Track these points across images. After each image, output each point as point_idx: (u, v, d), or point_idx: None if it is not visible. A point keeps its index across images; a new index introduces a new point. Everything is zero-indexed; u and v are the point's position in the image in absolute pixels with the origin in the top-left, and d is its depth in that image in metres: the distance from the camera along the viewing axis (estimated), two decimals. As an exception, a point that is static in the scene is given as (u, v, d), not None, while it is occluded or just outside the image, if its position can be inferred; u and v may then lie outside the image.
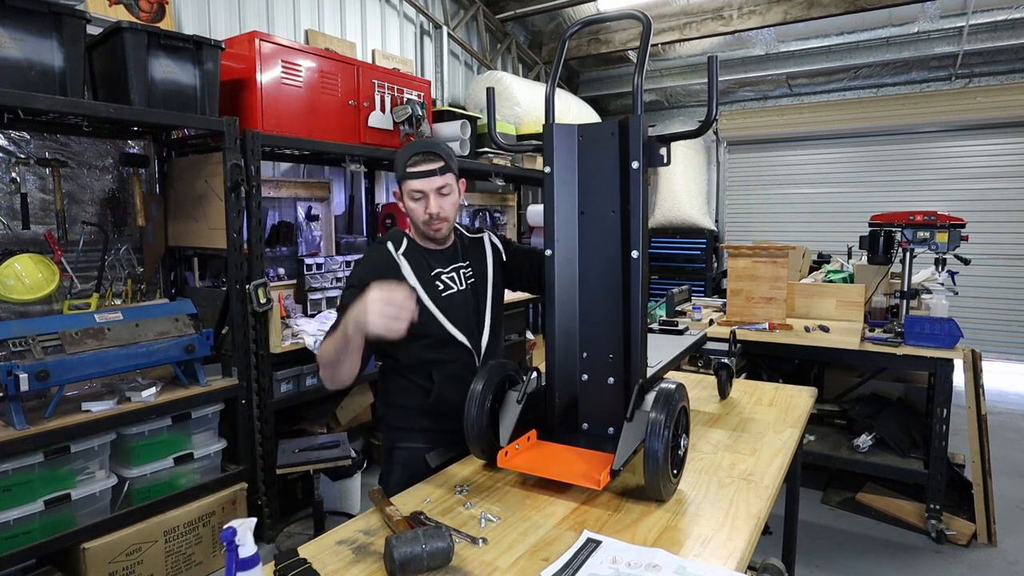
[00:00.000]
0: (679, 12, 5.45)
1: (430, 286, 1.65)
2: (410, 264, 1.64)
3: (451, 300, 1.68)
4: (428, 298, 1.63)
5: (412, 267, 1.64)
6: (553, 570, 1.07)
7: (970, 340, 3.97)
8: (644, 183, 1.35)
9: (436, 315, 1.63)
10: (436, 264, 1.69)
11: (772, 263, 3.33)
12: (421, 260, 1.67)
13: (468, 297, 1.72)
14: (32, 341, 2.15)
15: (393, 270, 1.63)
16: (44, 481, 2.15)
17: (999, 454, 3.74)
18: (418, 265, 1.66)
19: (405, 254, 1.66)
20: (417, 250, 1.69)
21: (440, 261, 1.70)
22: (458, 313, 1.67)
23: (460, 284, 1.71)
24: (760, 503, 1.30)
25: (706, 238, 6.63)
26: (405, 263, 1.64)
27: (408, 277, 1.63)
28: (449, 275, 1.70)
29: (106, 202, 2.88)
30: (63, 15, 2.23)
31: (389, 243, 1.69)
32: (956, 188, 5.94)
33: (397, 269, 1.63)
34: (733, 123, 6.74)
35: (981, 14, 4.87)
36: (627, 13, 1.46)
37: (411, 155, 1.61)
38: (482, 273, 1.76)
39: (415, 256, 1.67)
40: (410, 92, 3.74)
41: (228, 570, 0.91)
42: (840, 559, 2.82)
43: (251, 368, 2.80)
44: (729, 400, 2.03)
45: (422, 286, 1.63)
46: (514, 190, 5.45)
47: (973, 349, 3.00)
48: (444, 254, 1.72)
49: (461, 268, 1.74)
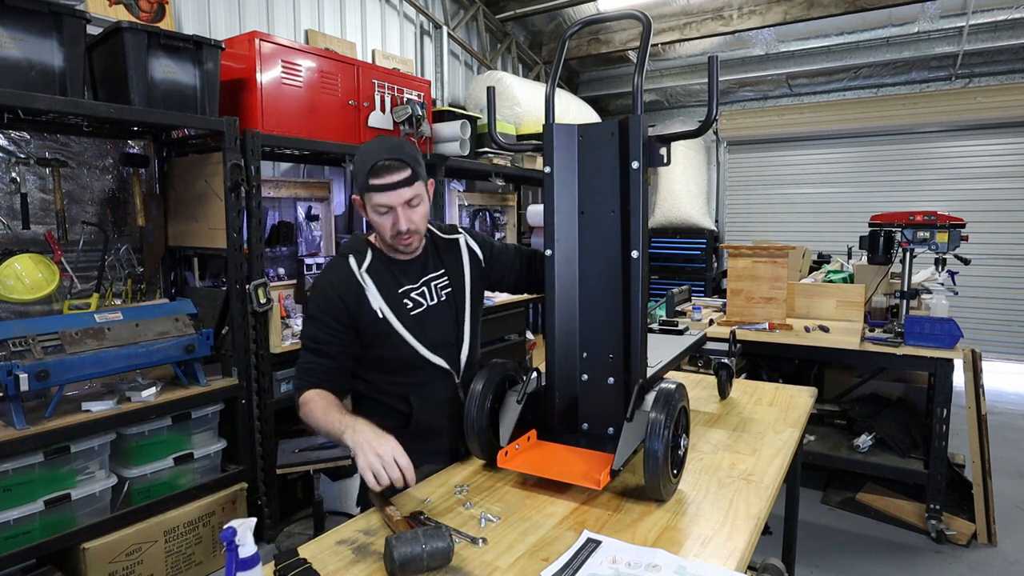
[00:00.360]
0: (679, 12, 5.45)
1: (398, 305, 1.53)
2: (375, 283, 1.52)
3: (422, 319, 1.55)
4: (397, 320, 1.51)
5: (377, 286, 1.52)
6: (553, 570, 1.07)
7: (970, 340, 3.97)
8: (644, 183, 1.35)
9: (407, 338, 1.52)
10: (405, 279, 1.56)
11: (772, 263, 3.33)
12: (388, 276, 1.54)
13: (443, 311, 1.60)
14: (32, 341, 2.15)
15: (355, 294, 1.50)
16: (44, 481, 2.15)
17: (999, 454, 3.74)
18: (384, 283, 1.53)
19: (369, 270, 1.53)
20: (383, 263, 1.55)
21: (409, 275, 1.58)
22: (431, 332, 1.56)
23: (432, 299, 1.59)
24: (760, 503, 1.30)
25: (706, 238, 6.63)
26: (370, 282, 1.51)
27: (373, 300, 1.50)
28: (419, 291, 1.58)
29: (106, 202, 2.89)
30: (63, 15, 2.23)
31: (351, 258, 1.54)
32: (956, 188, 5.94)
33: (360, 292, 1.50)
34: (733, 123, 6.74)
35: (981, 14, 4.87)
36: (627, 13, 1.46)
37: (373, 163, 1.43)
38: (459, 281, 1.64)
39: (380, 273, 1.54)
40: (410, 92, 3.74)
41: (228, 570, 0.91)
42: (840, 559, 2.82)
43: (251, 368, 2.80)
44: (729, 400, 2.03)
45: (390, 307, 1.51)
46: (514, 190, 5.45)
47: (973, 349, 3.00)
48: (413, 265, 1.59)
49: (433, 280, 1.61)
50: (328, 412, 1.40)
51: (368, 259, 1.55)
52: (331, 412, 1.40)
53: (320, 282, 1.56)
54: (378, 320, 1.51)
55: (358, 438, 1.29)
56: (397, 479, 1.25)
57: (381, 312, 1.51)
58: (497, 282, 1.77)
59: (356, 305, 1.50)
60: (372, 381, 1.59)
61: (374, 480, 1.24)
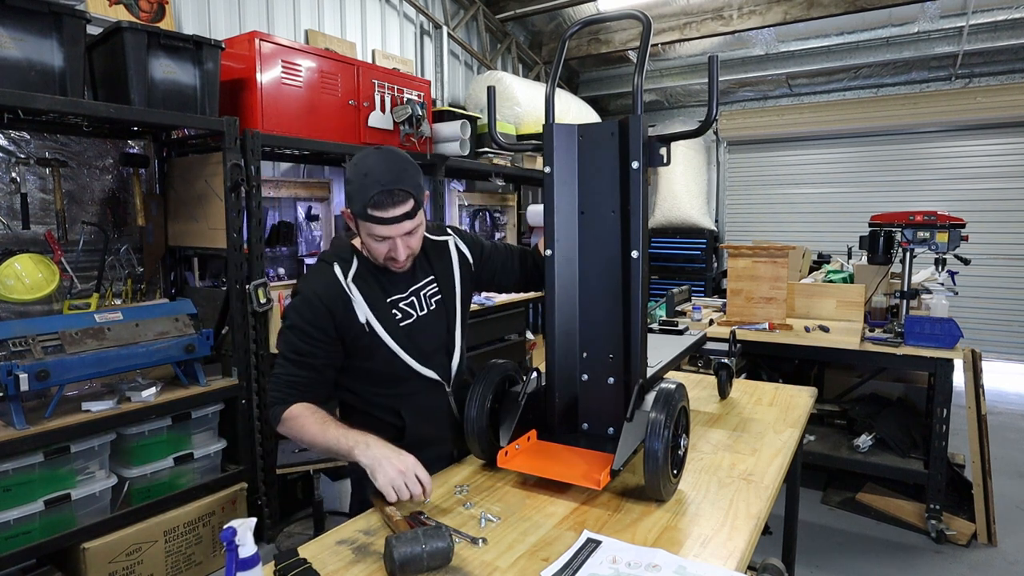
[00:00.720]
0: (679, 12, 5.45)
1: (386, 317, 1.47)
2: (362, 293, 1.44)
3: (412, 330, 1.50)
4: (385, 332, 1.45)
5: (364, 296, 1.44)
6: (553, 570, 1.07)
7: (970, 340, 3.97)
8: (644, 183, 1.35)
9: (397, 352, 1.46)
10: (393, 289, 1.50)
11: (772, 263, 3.33)
12: (375, 286, 1.47)
13: (432, 320, 1.54)
14: (32, 341, 2.14)
15: (341, 304, 1.43)
16: (44, 481, 2.15)
17: (999, 454, 3.74)
18: (371, 294, 1.46)
19: (356, 279, 1.45)
20: (370, 273, 1.48)
21: (397, 284, 1.51)
22: (421, 343, 1.51)
23: (422, 308, 1.53)
24: (760, 503, 1.30)
25: (706, 238, 6.63)
26: (356, 292, 1.44)
27: (359, 311, 1.43)
28: (408, 301, 1.52)
29: (106, 202, 2.88)
30: (63, 15, 2.22)
31: (336, 266, 1.46)
32: (956, 188, 5.94)
33: (347, 302, 1.43)
34: (733, 123, 6.74)
35: (981, 14, 4.87)
36: (627, 13, 1.46)
37: (373, 193, 1.33)
38: (449, 287, 1.58)
39: (367, 282, 1.46)
40: (410, 92, 3.74)
41: (228, 570, 0.91)
42: (840, 559, 2.82)
43: (251, 368, 2.80)
44: (729, 400, 2.03)
45: (377, 319, 1.45)
46: (514, 190, 5.45)
47: (973, 349, 3.00)
48: (402, 274, 1.51)
49: (422, 289, 1.55)
50: (326, 428, 1.36)
51: (354, 267, 1.47)
52: (329, 427, 1.36)
53: (304, 289, 1.46)
54: (365, 332, 1.45)
55: (374, 453, 1.28)
56: (418, 495, 1.25)
57: (368, 324, 1.44)
58: (488, 282, 1.72)
59: (342, 315, 1.43)
60: (359, 393, 1.54)
61: (395, 495, 1.24)
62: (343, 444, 1.32)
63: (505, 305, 4.34)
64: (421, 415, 1.53)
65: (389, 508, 1.24)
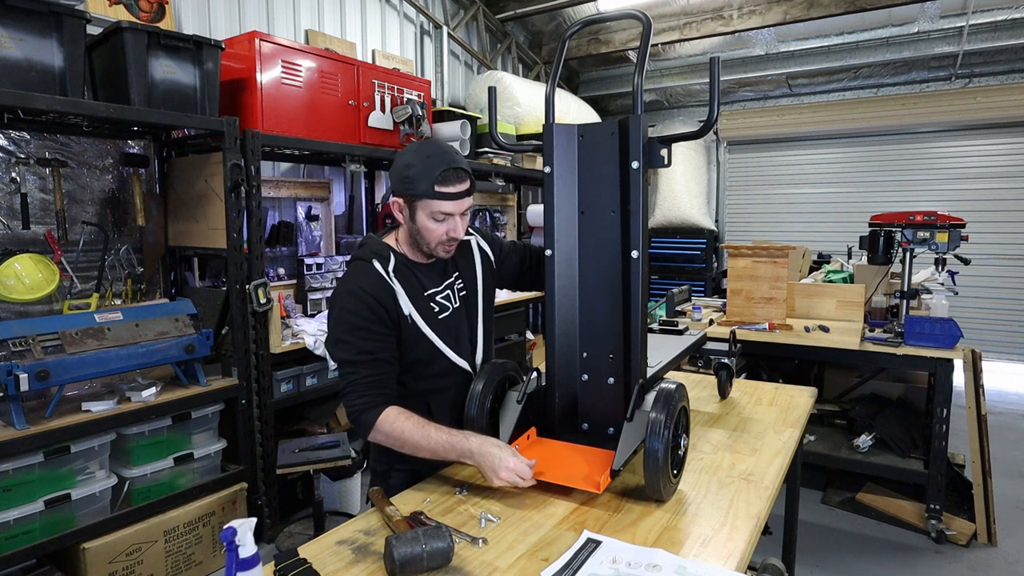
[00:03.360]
0: (679, 12, 5.45)
1: (426, 310, 1.50)
2: (404, 287, 1.47)
3: (447, 323, 1.54)
4: (426, 325, 1.49)
5: (406, 290, 1.47)
6: (553, 570, 1.07)
7: (970, 340, 3.96)
8: (644, 183, 1.35)
9: (437, 344, 1.50)
10: (428, 283, 1.53)
11: (772, 263, 3.33)
12: (413, 280, 1.50)
13: (461, 315, 1.59)
14: (32, 341, 2.14)
15: (387, 298, 1.44)
16: (44, 481, 2.15)
17: (999, 454, 3.74)
18: (411, 287, 1.48)
19: (396, 273, 1.47)
20: (407, 267, 1.50)
21: (431, 279, 1.54)
22: (455, 336, 1.55)
23: (454, 302, 1.57)
24: (760, 503, 1.30)
25: (706, 238, 6.63)
26: (399, 286, 1.46)
27: (403, 304, 1.46)
28: (444, 294, 1.55)
29: (106, 202, 2.88)
30: (63, 15, 2.23)
31: (375, 261, 1.47)
32: (956, 188, 5.94)
33: (392, 296, 1.45)
34: (733, 123, 6.74)
35: (981, 14, 4.87)
36: (627, 13, 1.46)
37: (442, 169, 1.39)
38: (472, 283, 1.63)
39: (407, 276, 1.49)
40: (410, 92, 3.74)
41: (228, 570, 0.91)
42: (840, 559, 2.82)
43: (251, 368, 2.80)
44: (729, 400, 2.03)
45: (419, 312, 1.48)
46: (514, 190, 5.44)
47: (973, 349, 3.00)
48: (435, 269, 1.55)
49: (453, 284, 1.59)
50: (427, 431, 1.36)
51: (392, 262, 1.48)
52: (430, 431, 1.36)
53: (352, 289, 1.44)
54: (408, 325, 1.47)
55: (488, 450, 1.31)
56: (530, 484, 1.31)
57: (411, 317, 1.47)
58: (503, 279, 1.76)
59: (392, 308, 1.45)
60: None
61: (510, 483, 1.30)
62: (457, 446, 1.34)
63: (505, 305, 4.33)
64: (447, 409, 1.55)
65: (389, 508, 1.24)
